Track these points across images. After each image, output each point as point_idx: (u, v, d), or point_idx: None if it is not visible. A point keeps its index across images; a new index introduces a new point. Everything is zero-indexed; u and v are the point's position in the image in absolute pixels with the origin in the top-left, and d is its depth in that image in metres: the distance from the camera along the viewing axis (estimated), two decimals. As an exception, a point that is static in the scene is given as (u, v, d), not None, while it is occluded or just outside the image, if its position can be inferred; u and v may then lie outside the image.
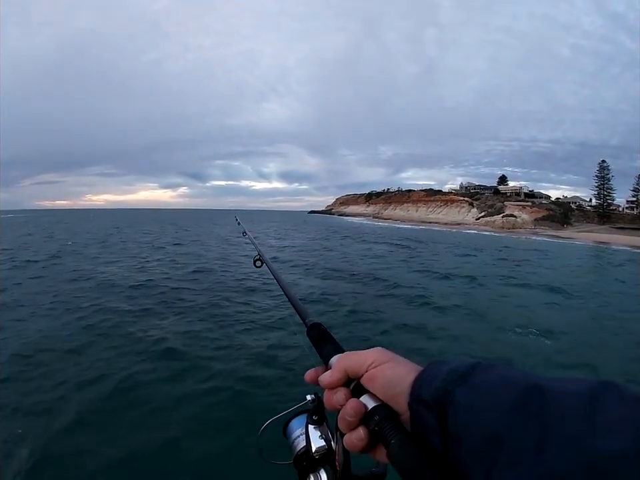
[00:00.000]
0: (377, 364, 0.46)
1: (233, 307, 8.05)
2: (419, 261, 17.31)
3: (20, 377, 4.66)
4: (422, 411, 0.40)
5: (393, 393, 0.44)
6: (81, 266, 13.00)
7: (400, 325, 7.13)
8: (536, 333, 6.85)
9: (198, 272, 12.08)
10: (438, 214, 74.87)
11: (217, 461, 3.35)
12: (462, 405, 0.37)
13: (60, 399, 4.20)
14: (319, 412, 0.54)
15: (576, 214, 61.10)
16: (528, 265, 17.95)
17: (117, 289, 9.52)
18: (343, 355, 0.52)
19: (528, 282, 12.53)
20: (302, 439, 0.55)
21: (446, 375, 0.40)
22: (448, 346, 6.17)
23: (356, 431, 0.44)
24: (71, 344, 5.69)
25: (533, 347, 6.31)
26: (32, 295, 8.65)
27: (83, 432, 3.67)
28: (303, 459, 0.54)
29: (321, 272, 12.95)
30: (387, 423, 0.42)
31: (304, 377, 0.54)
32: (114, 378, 4.64)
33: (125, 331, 6.33)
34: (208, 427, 3.76)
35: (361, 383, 0.47)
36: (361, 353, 0.49)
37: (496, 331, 7.07)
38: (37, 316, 7.11)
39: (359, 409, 0.44)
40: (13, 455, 3.32)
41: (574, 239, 41.15)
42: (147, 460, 3.32)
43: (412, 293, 9.89)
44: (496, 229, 55.75)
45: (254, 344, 5.84)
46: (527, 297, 10.27)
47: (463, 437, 0.36)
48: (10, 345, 5.56)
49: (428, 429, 0.39)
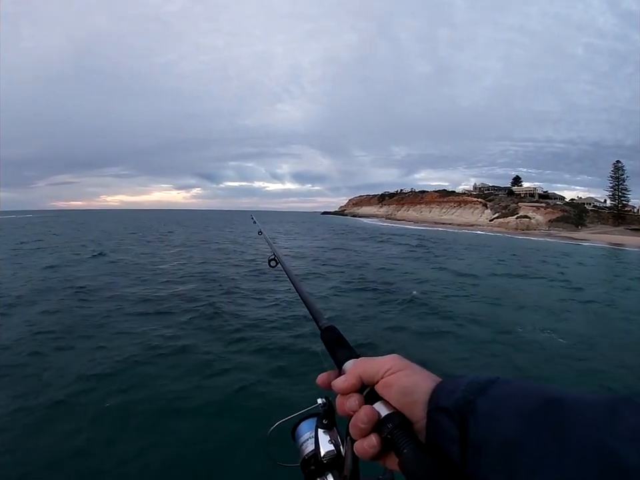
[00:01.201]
0: (393, 371, 0.46)
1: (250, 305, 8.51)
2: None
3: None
4: (441, 419, 0.40)
5: (408, 400, 0.44)
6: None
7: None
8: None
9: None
10: (451, 215, 75.19)
11: (224, 460, 3.35)
12: (483, 413, 0.38)
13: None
14: (329, 416, 0.54)
15: (590, 215, 60.95)
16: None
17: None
18: (358, 360, 0.52)
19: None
20: (310, 443, 0.55)
21: (466, 386, 0.41)
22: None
23: (368, 438, 0.43)
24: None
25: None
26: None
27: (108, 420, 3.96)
28: (311, 462, 0.53)
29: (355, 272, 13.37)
30: (400, 431, 0.42)
31: (316, 381, 0.53)
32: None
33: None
34: (216, 428, 3.78)
35: (375, 390, 0.46)
36: (376, 360, 0.49)
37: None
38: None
39: (373, 416, 0.44)
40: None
41: (588, 241, 41.04)
42: (159, 458, 3.40)
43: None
44: (510, 230, 55.78)
45: (265, 344, 5.87)
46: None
47: (483, 444, 0.36)
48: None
49: (445, 438, 0.39)
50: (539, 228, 55.80)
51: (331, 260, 16.98)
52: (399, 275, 13.53)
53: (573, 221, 56.87)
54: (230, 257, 17.37)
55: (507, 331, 7.33)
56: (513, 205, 66.53)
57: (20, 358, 5.40)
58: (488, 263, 18.34)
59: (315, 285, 10.97)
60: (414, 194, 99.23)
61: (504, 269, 16.46)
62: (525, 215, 60.76)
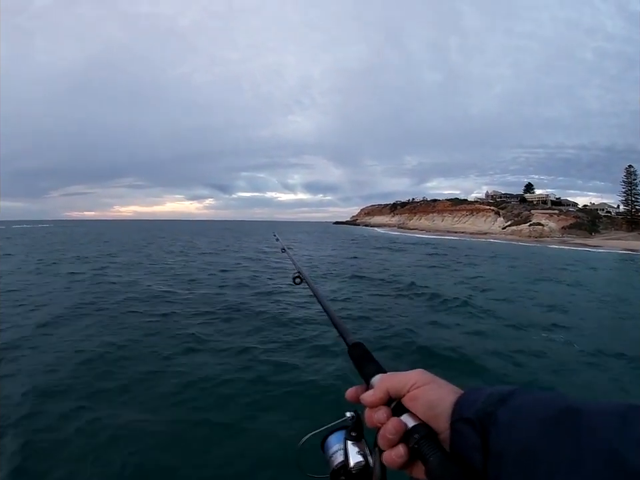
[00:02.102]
0: (418, 385, 0.49)
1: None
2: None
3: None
4: (464, 429, 0.43)
5: (433, 413, 0.47)
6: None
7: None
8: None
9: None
10: (464, 223, 75.29)
11: (255, 472, 3.34)
12: (503, 423, 0.40)
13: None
14: (358, 429, 0.56)
15: (604, 221, 60.78)
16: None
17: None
18: (385, 375, 0.54)
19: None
20: (340, 454, 0.56)
21: (486, 398, 0.44)
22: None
23: (396, 448, 0.46)
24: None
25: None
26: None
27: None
28: (340, 473, 0.55)
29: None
30: (427, 441, 0.45)
31: (345, 395, 0.56)
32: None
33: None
34: (247, 440, 3.73)
35: (402, 403, 0.50)
36: (403, 374, 0.52)
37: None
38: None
39: (400, 428, 0.47)
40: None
41: (602, 247, 41.10)
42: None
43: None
44: (523, 238, 55.73)
45: (293, 360, 5.76)
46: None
47: (504, 452, 0.39)
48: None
49: (468, 446, 0.42)
50: (552, 235, 55.82)
51: (366, 268, 16.93)
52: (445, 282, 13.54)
53: (587, 227, 56.88)
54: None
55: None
56: (525, 213, 66.53)
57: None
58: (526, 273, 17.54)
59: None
60: (426, 203, 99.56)
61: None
62: (538, 222, 60.73)
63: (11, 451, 3.41)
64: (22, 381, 4.75)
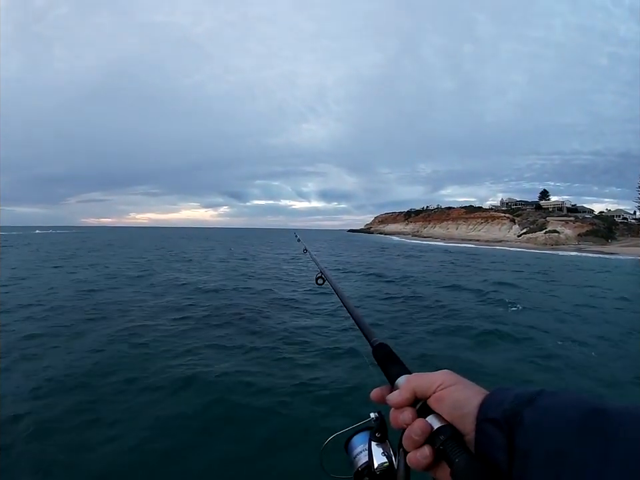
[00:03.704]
0: (445, 386, 0.49)
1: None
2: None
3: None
4: (490, 430, 0.43)
5: (459, 414, 0.46)
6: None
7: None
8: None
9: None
10: (478, 231, 75.16)
11: (278, 474, 3.37)
12: (530, 423, 0.40)
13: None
14: (382, 430, 0.56)
15: (620, 228, 60.62)
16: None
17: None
18: (411, 375, 0.54)
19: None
20: (364, 455, 0.56)
21: (513, 399, 0.43)
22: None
23: (421, 449, 0.46)
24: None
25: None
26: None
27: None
28: (364, 474, 0.55)
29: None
30: (452, 442, 0.45)
31: (370, 396, 0.56)
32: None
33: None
34: (269, 441, 3.79)
35: (428, 404, 0.49)
36: (429, 375, 0.51)
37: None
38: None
39: (426, 429, 0.47)
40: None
41: (618, 254, 40.95)
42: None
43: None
44: (538, 245, 55.57)
45: (317, 361, 5.89)
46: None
47: (530, 453, 0.38)
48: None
49: (494, 447, 0.41)
50: (568, 242, 55.67)
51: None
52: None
53: (603, 234, 56.71)
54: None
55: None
56: (541, 220, 66.45)
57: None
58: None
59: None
60: (440, 210, 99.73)
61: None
62: (554, 229, 60.65)
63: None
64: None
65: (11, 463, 3.39)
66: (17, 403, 4.44)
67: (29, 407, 4.35)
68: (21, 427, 3.94)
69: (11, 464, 3.38)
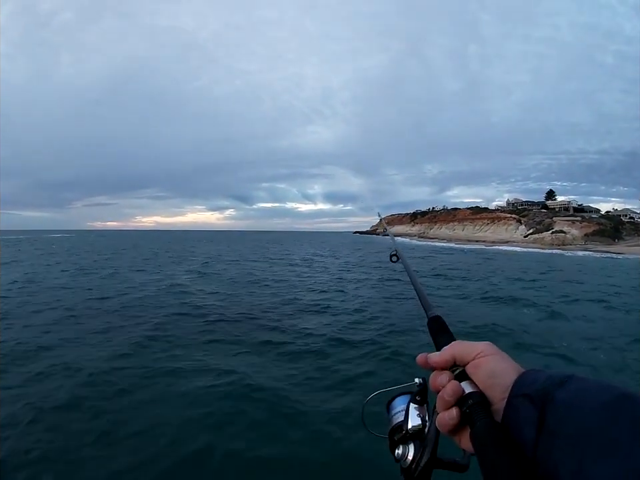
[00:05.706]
0: (484, 354, 0.50)
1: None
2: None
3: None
4: (521, 405, 0.44)
5: (492, 382, 0.48)
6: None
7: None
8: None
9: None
10: (485, 232, 74.96)
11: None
12: (561, 403, 0.41)
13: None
14: (423, 394, 0.59)
15: (627, 227, 60.16)
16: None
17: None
18: (455, 342, 0.57)
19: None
20: (401, 415, 0.60)
21: (546, 379, 0.44)
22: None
23: (449, 410, 0.49)
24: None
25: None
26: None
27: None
28: (397, 432, 0.59)
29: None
30: (478, 407, 0.46)
31: (416, 360, 0.58)
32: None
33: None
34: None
35: (465, 371, 0.51)
36: (471, 343, 0.53)
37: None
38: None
39: (457, 391, 0.49)
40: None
41: (625, 254, 40.87)
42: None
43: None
44: (545, 245, 55.43)
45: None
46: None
47: (558, 431, 0.39)
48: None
49: (523, 420, 0.43)
50: (574, 243, 55.51)
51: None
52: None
53: (610, 234, 56.46)
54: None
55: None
56: (547, 220, 66.24)
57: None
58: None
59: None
60: (446, 211, 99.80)
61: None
62: (560, 229, 60.51)
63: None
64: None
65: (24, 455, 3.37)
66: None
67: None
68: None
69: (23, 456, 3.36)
